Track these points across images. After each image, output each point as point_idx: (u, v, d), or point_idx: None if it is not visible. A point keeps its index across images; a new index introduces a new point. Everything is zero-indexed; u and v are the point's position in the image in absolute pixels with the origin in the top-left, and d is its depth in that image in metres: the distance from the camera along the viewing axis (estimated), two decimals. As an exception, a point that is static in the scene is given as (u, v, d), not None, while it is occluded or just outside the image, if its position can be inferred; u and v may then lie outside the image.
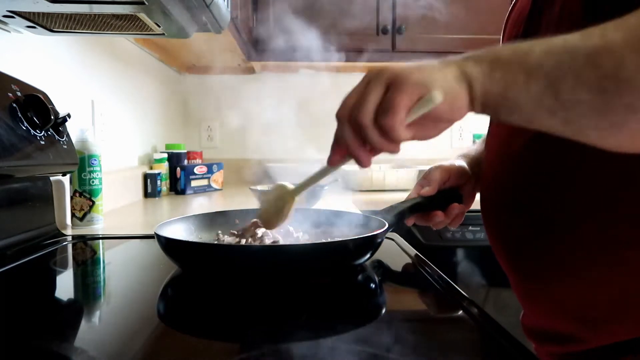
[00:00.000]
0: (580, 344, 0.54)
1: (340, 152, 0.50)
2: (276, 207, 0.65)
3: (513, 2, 0.70)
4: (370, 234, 0.63)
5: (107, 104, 1.34)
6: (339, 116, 0.47)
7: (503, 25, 0.72)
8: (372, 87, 0.45)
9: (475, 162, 0.80)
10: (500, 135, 0.63)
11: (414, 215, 0.76)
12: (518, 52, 0.42)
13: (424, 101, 0.44)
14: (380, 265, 0.71)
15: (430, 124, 0.47)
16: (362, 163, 0.49)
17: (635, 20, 0.37)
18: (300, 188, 0.63)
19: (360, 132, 0.46)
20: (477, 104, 0.44)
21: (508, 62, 0.42)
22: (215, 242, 0.72)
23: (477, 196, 0.76)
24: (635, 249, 0.49)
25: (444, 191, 0.76)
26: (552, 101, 0.39)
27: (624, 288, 0.50)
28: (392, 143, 0.46)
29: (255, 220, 0.72)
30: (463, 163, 0.79)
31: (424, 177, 0.78)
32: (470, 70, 0.43)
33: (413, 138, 0.48)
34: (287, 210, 0.63)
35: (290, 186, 0.65)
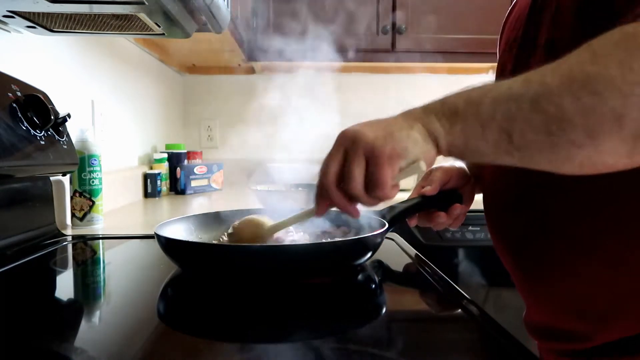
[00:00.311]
0: (584, 341, 0.54)
1: (325, 204, 0.55)
2: (252, 242, 0.67)
3: (512, 4, 0.71)
4: (370, 234, 0.63)
5: (107, 104, 1.34)
6: (324, 183, 0.52)
7: (501, 27, 0.72)
8: (353, 161, 0.50)
9: (474, 164, 0.80)
10: None
11: (416, 216, 0.76)
12: (471, 103, 0.46)
13: (411, 170, 0.50)
14: (380, 265, 0.71)
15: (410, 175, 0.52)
16: (354, 216, 0.55)
17: (568, 65, 0.41)
18: (278, 227, 0.66)
19: (353, 199, 0.52)
20: (445, 153, 0.50)
21: (464, 115, 0.46)
22: (215, 242, 0.72)
23: (478, 197, 0.76)
24: (635, 245, 0.49)
25: (445, 192, 0.76)
26: (507, 145, 0.44)
27: (625, 284, 0.50)
28: (383, 201, 0.52)
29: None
30: (462, 164, 0.80)
31: (425, 178, 0.78)
32: (433, 128, 0.48)
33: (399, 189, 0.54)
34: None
35: (267, 223, 0.67)
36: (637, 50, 0.38)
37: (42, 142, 0.81)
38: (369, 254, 0.64)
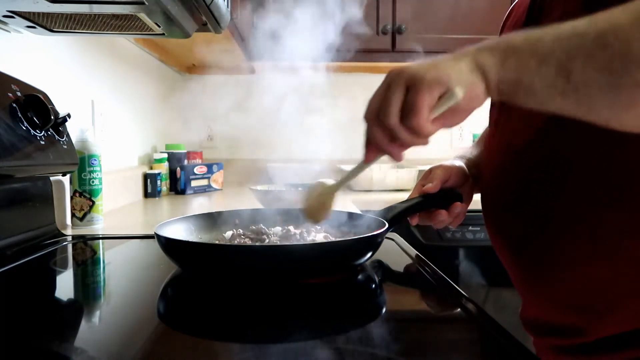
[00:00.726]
0: (580, 336, 0.54)
1: (373, 150, 0.53)
2: (319, 202, 0.66)
3: (511, 6, 0.70)
4: (370, 234, 0.63)
5: (107, 104, 1.34)
6: (366, 119, 0.50)
7: (500, 28, 0.72)
8: (393, 90, 0.48)
9: (473, 164, 0.80)
10: (501, 134, 0.63)
11: (417, 215, 0.76)
12: (530, 39, 0.44)
13: (447, 98, 0.47)
14: (380, 265, 0.71)
15: (452, 114, 0.49)
16: (396, 158, 0.52)
17: (636, 5, 0.39)
18: (340, 183, 0.65)
19: (390, 132, 0.49)
20: (494, 91, 0.46)
21: (520, 49, 0.44)
22: (215, 242, 0.72)
23: (477, 197, 0.76)
24: (632, 239, 0.49)
25: (445, 190, 0.76)
26: (564, 84, 0.41)
27: (623, 280, 0.50)
28: (421, 138, 0.50)
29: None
30: (462, 164, 0.80)
31: (425, 177, 0.78)
32: (483, 61, 0.46)
33: (439, 128, 0.51)
34: (330, 204, 0.65)
35: (330, 182, 0.66)
36: None
37: (42, 142, 0.81)
38: (369, 254, 0.64)
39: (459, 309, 0.54)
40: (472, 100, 0.47)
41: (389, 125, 0.48)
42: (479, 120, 0.76)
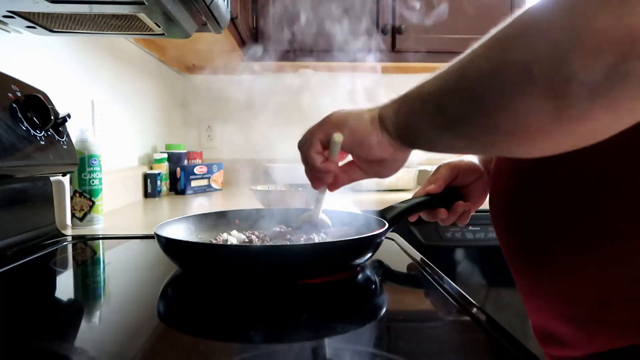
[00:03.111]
0: (575, 348, 0.53)
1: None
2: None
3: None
4: (370, 234, 0.63)
5: (107, 104, 1.34)
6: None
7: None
8: (313, 127, 0.59)
9: (490, 158, 0.78)
10: None
11: (419, 212, 0.76)
12: (420, 85, 0.48)
13: (330, 141, 0.55)
14: (380, 265, 0.71)
15: (366, 163, 0.59)
16: (312, 185, 0.63)
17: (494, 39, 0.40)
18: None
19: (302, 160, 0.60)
20: (395, 137, 0.52)
21: (411, 95, 0.49)
22: (215, 242, 0.72)
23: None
24: (621, 245, 0.48)
25: (448, 190, 0.75)
26: (441, 120, 0.44)
27: (612, 288, 0.48)
28: (314, 170, 0.59)
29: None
30: (474, 159, 0.78)
31: (432, 175, 0.78)
32: (385, 111, 0.52)
33: (359, 177, 0.62)
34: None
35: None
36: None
37: (42, 142, 0.81)
38: (369, 254, 0.64)
39: (459, 309, 0.54)
40: (370, 148, 0.53)
41: (299, 148, 0.59)
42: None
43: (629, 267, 0.48)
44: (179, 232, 0.73)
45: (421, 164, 1.97)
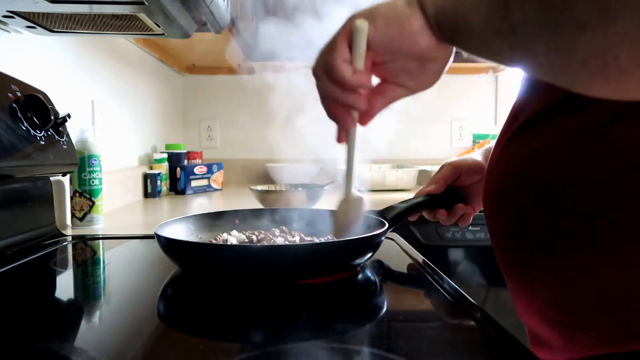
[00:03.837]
0: (557, 352, 0.53)
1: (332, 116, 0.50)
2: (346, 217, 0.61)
3: None
4: (370, 234, 0.63)
5: (107, 104, 1.34)
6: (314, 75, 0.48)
7: None
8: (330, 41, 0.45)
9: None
10: (501, 134, 0.62)
11: (420, 212, 0.76)
12: None
13: (353, 33, 0.42)
14: (380, 265, 0.71)
15: (403, 63, 0.44)
16: (344, 123, 0.48)
17: None
18: (347, 186, 0.59)
19: (317, 85, 0.46)
20: (433, 26, 0.42)
21: None
22: (215, 242, 0.72)
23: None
24: (599, 255, 0.46)
25: (449, 190, 0.75)
26: (500, 21, 0.36)
27: (590, 296, 0.47)
28: (344, 90, 0.45)
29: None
30: (479, 158, 0.76)
31: (435, 174, 0.77)
32: None
33: (394, 95, 0.47)
34: (352, 214, 0.60)
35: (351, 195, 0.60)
36: None
37: (42, 142, 0.81)
38: (369, 254, 0.64)
39: (459, 309, 0.54)
40: (409, 38, 0.42)
41: (315, 75, 0.45)
42: (480, 119, 0.76)
43: (605, 276, 0.47)
44: (179, 232, 0.73)
45: (421, 164, 1.97)
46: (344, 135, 0.50)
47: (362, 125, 0.49)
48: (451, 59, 0.46)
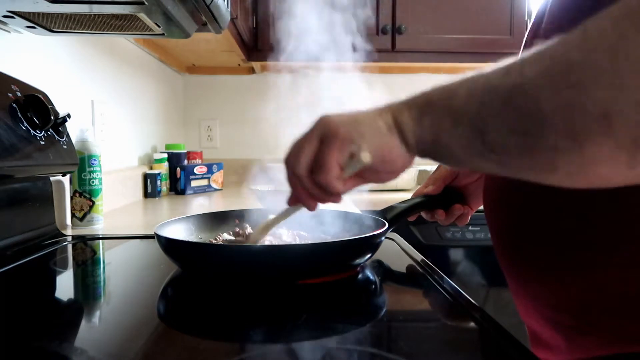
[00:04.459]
0: (558, 353, 0.53)
1: (293, 195, 0.52)
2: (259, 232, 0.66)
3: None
4: (370, 234, 0.63)
5: (107, 104, 1.34)
6: (284, 162, 0.49)
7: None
8: (307, 139, 0.46)
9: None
10: None
11: (419, 212, 0.76)
12: (445, 94, 0.41)
13: (355, 161, 0.45)
14: (380, 265, 0.71)
15: (373, 174, 0.47)
16: (308, 207, 0.51)
17: (552, 51, 0.33)
18: (273, 222, 0.63)
19: (300, 183, 0.48)
20: (414, 151, 0.44)
21: (436, 106, 0.41)
22: (215, 242, 0.72)
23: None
24: (598, 254, 0.47)
25: (448, 189, 0.75)
26: (480, 146, 0.37)
27: (590, 296, 0.48)
28: (331, 196, 0.48)
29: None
30: None
31: (433, 174, 0.77)
32: (402, 119, 0.43)
33: (360, 185, 0.50)
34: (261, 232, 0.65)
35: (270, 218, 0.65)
36: (638, 31, 0.29)
37: (42, 142, 0.81)
38: (369, 254, 0.64)
39: (458, 309, 0.54)
40: (391, 163, 0.45)
41: (299, 175, 0.47)
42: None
43: (605, 277, 0.47)
44: (179, 232, 0.73)
45: (421, 164, 1.97)
46: (294, 204, 0.54)
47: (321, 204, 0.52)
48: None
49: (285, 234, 0.74)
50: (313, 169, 0.46)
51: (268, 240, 0.72)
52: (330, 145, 0.45)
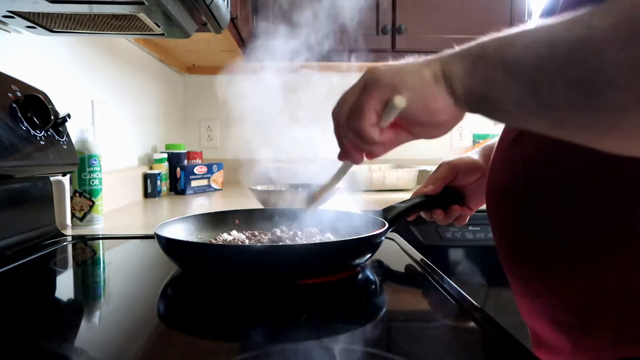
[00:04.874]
0: (561, 354, 0.53)
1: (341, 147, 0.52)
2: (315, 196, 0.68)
3: None
4: (370, 234, 0.63)
5: (107, 104, 1.34)
6: (332, 114, 0.50)
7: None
8: (351, 89, 0.46)
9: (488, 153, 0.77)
10: (505, 133, 0.62)
11: (418, 212, 0.76)
12: (503, 45, 0.38)
13: (389, 107, 0.44)
14: (380, 265, 0.71)
15: (420, 128, 0.46)
16: (352, 160, 0.51)
17: (624, 6, 0.31)
18: (330, 184, 0.64)
19: (343, 133, 0.48)
20: (462, 103, 0.42)
21: (490, 57, 0.39)
22: (214, 242, 0.72)
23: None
24: (600, 255, 0.47)
25: (447, 189, 0.75)
26: (534, 103, 0.36)
27: (592, 297, 0.48)
28: (367, 144, 0.47)
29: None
30: (476, 157, 0.75)
31: (433, 174, 0.77)
32: (451, 69, 0.41)
33: (405, 140, 0.49)
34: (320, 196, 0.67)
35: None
36: None
37: (42, 142, 0.81)
38: (369, 254, 0.64)
39: (458, 309, 0.54)
40: (433, 113, 0.43)
41: (337, 121, 0.47)
42: (480, 119, 0.76)
43: (605, 277, 0.47)
44: (179, 232, 0.73)
45: (421, 164, 1.97)
46: (343, 159, 0.54)
47: (368, 159, 0.52)
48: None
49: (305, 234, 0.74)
50: (349, 114, 0.46)
51: (267, 240, 0.72)
52: (370, 91, 0.44)
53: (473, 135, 2.21)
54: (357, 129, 0.46)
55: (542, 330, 0.55)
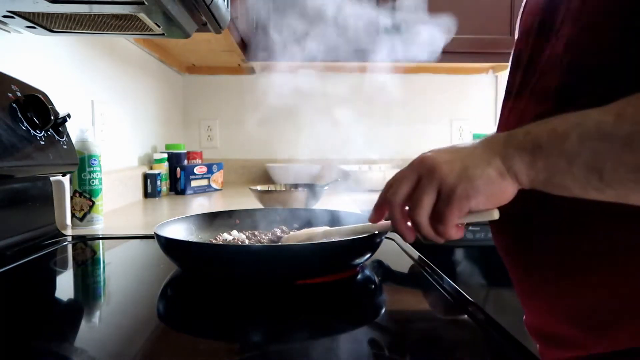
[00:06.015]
0: (577, 349, 0.53)
1: (381, 214, 0.57)
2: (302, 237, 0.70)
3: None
4: (370, 234, 0.63)
5: (107, 104, 1.34)
6: (391, 200, 0.53)
7: (520, 12, 0.69)
8: (425, 190, 0.50)
9: None
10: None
11: None
12: (554, 137, 0.44)
13: (484, 215, 0.49)
14: (380, 265, 0.71)
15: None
16: (406, 238, 0.55)
17: None
18: (330, 234, 0.68)
19: (415, 226, 0.52)
20: (526, 187, 0.47)
21: (547, 149, 0.44)
22: (214, 242, 0.72)
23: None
24: (634, 255, 0.48)
25: None
26: (597, 182, 0.42)
27: (622, 294, 0.49)
28: (443, 239, 0.52)
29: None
30: None
31: None
32: (514, 164, 0.46)
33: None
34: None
35: (323, 230, 0.70)
36: None
37: (42, 142, 0.81)
38: (369, 254, 0.64)
39: (459, 309, 0.54)
40: (504, 200, 0.48)
41: (419, 222, 0.51)
42: (480, 119, 0.76)
43: (606, 278, 0.48)
44: (179, 232, 0.73)
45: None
46: (377, 221, 0.59)
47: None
48: None
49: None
50: (432, 219, 0.50)
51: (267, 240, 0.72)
52: (450, 202, 0.48)
53: (473, 135, 2.21)
54: (442, 233, 0.51)
55: (554, 327, 0.56)
